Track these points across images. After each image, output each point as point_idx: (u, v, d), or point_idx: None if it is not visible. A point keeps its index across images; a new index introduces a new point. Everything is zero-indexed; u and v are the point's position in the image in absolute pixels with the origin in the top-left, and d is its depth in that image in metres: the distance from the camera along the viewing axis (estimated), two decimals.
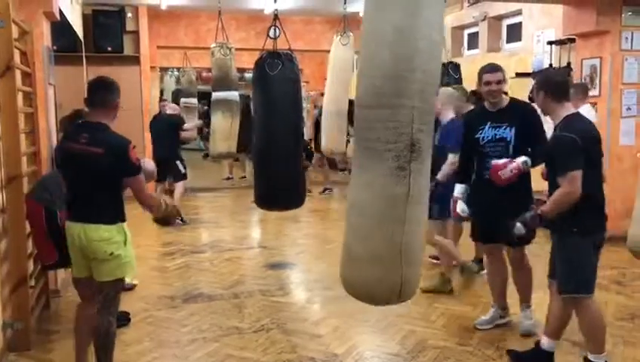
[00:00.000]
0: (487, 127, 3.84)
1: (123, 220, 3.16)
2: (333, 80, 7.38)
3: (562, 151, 3.13)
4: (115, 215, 3.12)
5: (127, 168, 3.06)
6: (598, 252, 3.26)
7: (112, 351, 3.18)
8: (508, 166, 3.64)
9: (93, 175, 3.07)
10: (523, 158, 3.65)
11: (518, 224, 3.28)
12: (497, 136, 3.81)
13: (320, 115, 8.16)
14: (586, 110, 5.79)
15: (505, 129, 3.80)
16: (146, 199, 3.23)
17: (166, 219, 4.10)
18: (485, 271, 4.62)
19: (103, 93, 3.16)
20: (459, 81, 6.26)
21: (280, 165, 4.60)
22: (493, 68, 3.86)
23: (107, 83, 3.21)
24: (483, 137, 3.84)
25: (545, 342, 3.42)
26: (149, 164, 3.93)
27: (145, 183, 3.27)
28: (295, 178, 4.77)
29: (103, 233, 3.05)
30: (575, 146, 3.07)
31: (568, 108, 3.25)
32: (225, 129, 7.55)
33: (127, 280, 4.93)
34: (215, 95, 7.58)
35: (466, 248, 5.23)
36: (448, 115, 4.83)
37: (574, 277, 3.20)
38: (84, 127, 3.21)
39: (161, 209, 3.38)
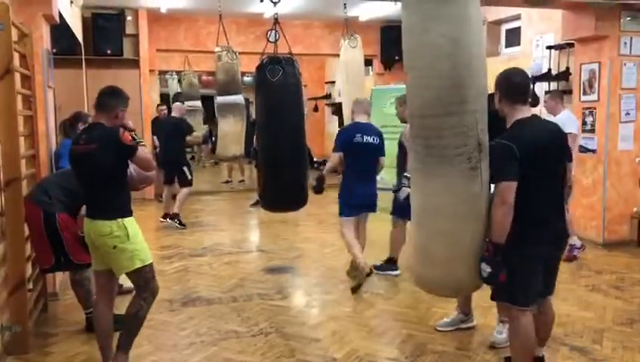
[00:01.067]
0: None
1: (123, 216, 3.25)
2: (348, 83, 7.42)
3: (495, 160, 2.88)
4: (114, 212, 3.23)
5: (124, 151, 3.19)
6: (538, 265, 3.00)
7: (134, 334, 3.34)
8: None
9: (93, 172, 3.23)
10: None
11: (482, 264, 2.89)
12: None
13: None
14: (565, 116, 5.81)
15: None
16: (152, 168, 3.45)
17: None
18: (397, 272, 5.32)
19: (106, 98, 3.33)
20: None
21: (285, 168, 4.65)
22: None
23: (113, 89, 3.38)
24: None
25: None
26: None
27: (149, 155, 3.45)
28: (299, 179, 4.82)
29: (105, 228, 3.20)
30: (509, 154, 2.82)
31: (523, 112, 2.99)
32: (235, 132, 7.59)
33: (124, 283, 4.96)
34: (222, 99, 7.60)
35: None
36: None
37: (503, 286, 2.98)
38: (86, 129, 3.43)
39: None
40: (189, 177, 7.78)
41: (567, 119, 5.66)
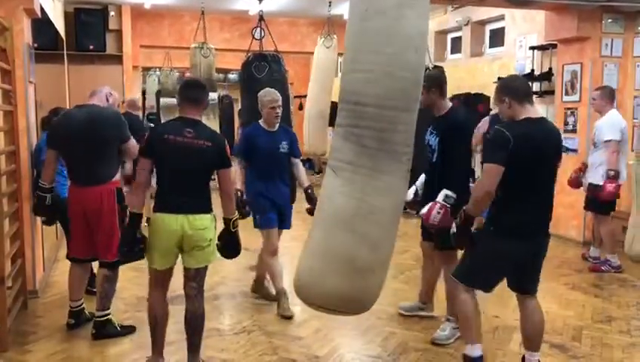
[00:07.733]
0: (428, 131, 3.89)
1: (212, 209, 3.43)
2: (315, 81, 7.41)
3: (488, 143, 3.09)
4: (210, 204, 3.40)
5: (223, 162, 3.37)
6: (508, 263, 3.11)
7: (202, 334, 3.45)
8: (432, 211, 3.52)
9: (198, 167, 3.32)
10: (442, 194, 3.53)
11: (453, 226, 3.17)
12: (429, 142, 3.86)
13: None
14: (613, 115, 5.50)
15: (431, 135, 3.84)
16: (230, 189, 3.53)
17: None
18: None
19: (198, 91, 3.38)
20: None
21: None
22: None
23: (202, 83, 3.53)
24: (426, 139, 3.89)
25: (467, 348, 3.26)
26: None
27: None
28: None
29: (205, 222, 3.32)
30: (501, 140, 2.91)
31: (533, 112, 3.11)
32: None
33: None
34: None
35: None
36: None
37: (466, 266, 3.19)
38: (185, 122, 3.33)
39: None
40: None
41: (608, 124, 5.45)
